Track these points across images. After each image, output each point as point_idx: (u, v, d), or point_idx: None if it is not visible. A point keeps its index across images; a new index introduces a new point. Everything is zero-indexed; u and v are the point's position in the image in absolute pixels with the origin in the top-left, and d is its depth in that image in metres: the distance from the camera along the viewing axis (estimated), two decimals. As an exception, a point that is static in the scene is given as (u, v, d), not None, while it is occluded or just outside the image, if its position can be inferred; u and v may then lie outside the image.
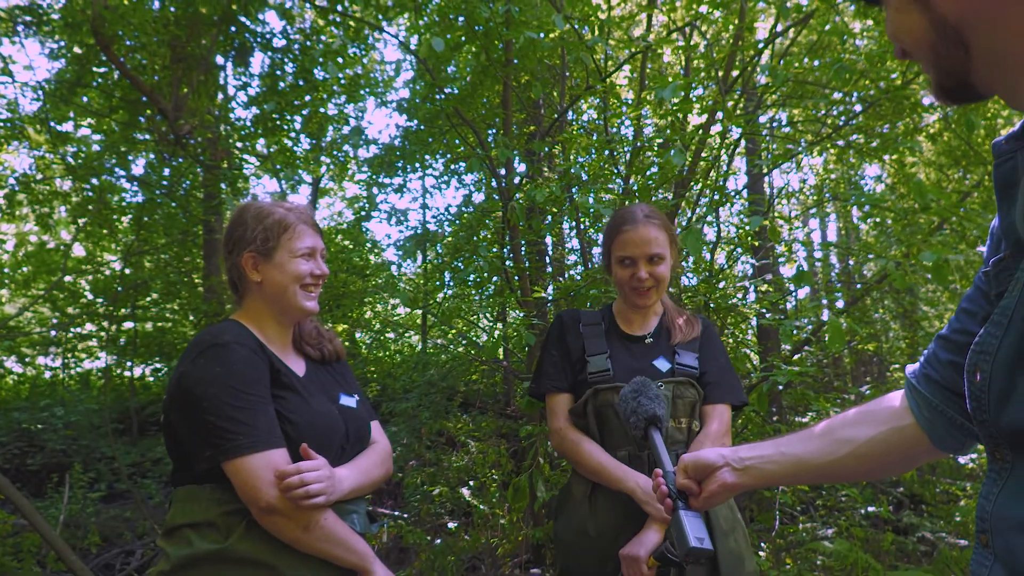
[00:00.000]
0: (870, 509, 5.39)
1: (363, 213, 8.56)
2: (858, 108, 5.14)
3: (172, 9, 5.41)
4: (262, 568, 1.39)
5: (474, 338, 6.36)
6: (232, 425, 1.38)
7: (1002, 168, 0.79)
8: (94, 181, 6.21)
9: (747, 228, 3.36)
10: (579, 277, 5.16)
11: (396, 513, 5.58)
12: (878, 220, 6.61)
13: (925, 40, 0.74)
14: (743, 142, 5.03)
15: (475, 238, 6.07)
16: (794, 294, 7.10)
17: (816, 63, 5.39)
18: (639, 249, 1.95)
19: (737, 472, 1.15)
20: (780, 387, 4.03)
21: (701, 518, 1.23)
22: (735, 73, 4.62)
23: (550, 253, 7.22)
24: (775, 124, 6.37)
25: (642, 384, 1.52)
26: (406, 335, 9.87)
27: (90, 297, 8.64)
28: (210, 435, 1.39)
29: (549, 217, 5.06)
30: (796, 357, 4.83)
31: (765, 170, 6.21)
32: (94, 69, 5.98)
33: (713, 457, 1.18)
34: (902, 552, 4.95)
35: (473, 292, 5.59)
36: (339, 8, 5.47)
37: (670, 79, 3.16)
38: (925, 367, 1.02)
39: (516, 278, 4.46)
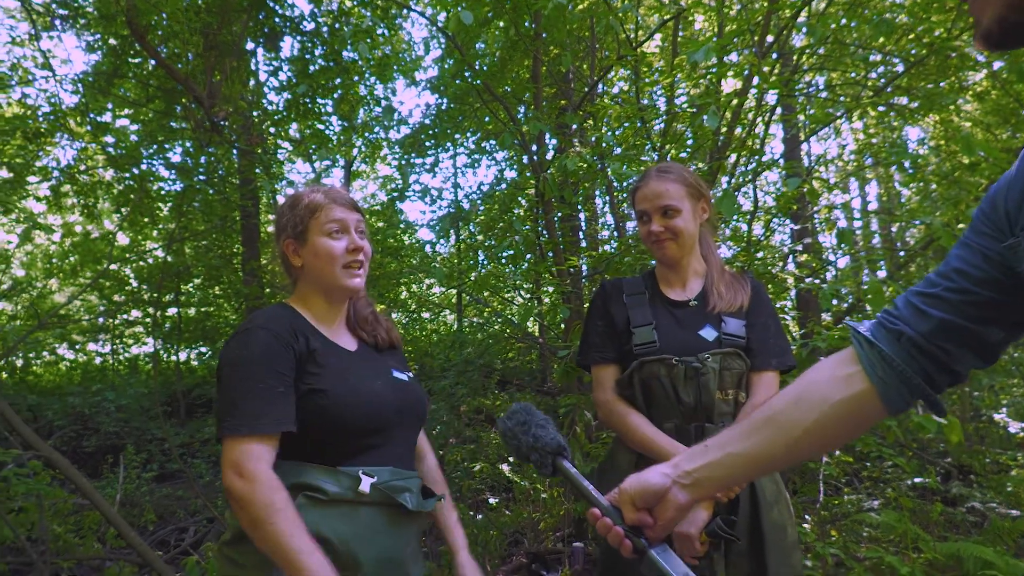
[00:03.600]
0: (917, 480, 5.29)
1: (396, 194, 8.61)
2: (900, 68, 4.96)
3: (202, -3, 5.48)
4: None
5: (509, 316, 6.37)
6: (228, 406, 1.42)
7: None
8: (134, 170, 6.35)
9: (785, 191, 3.28)
10: (613, 251, 5.12)
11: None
12: (922, 183, 6.42)
13: None
14: (779, 108, 4.90)
15: (507, 214, 6.05)
16: (834, 263, 6.94)
17: (854, 24, 5.21)
18: (650, 203, 1.97)
19: (687, 488, 1.06)
20: (821, 358, 3.95)
21: (669, 548, 1.09)
22: (770, 38, 4.50)
23: (583, 228, 7.18)
24: (812, 88, 6.19)
25: (524, 412, 1.30)
26: (442, 314, 9.94)
27: (135, 284, 8.89)
28: (218, 413, 1.46)
29: (582, 190, 5.02)
30: (839, 327, 4.73)
31: (802, 136, 6.06)
32: (130, 60, 6.09)
33: (657, 480, 1.07)
34: (951, 523, 4.85)
35: (507, 268, 5.59)
36: (366, -12, 5.47)
37: (703, 43, 3.09)
38: (895, 323, 1.00)
39: (550, 253, 4.45)
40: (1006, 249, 0.88)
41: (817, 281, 3.37)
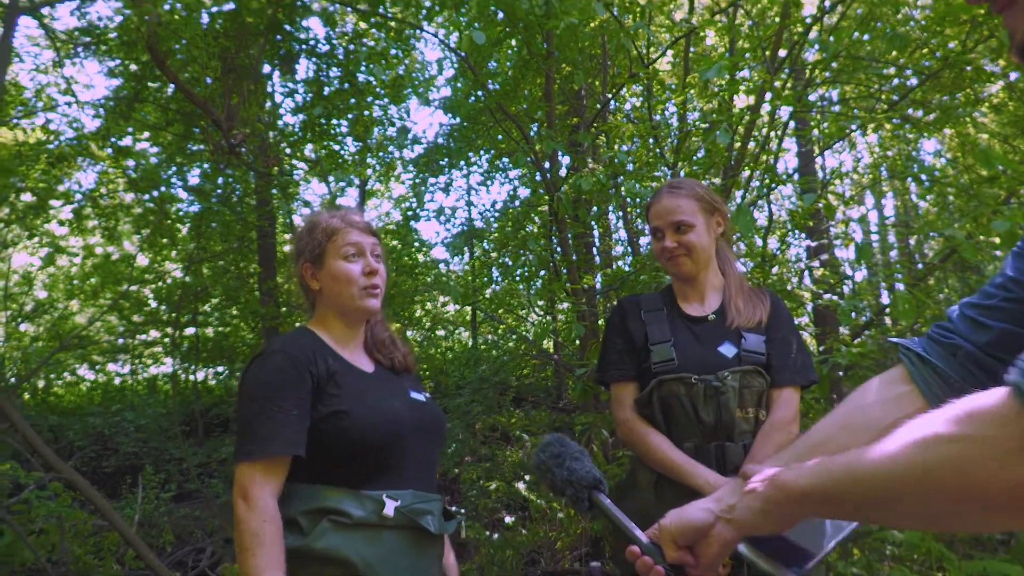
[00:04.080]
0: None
1: (410, 213, 8.68)
2: (913, 81, 4.94)
3: (220, 22, 5.58)
4: (339, 565, 1.42)
5: (524, 332, 6.37)
6: (244, 428, 1.48)
7: None
8: (154, 193, 6.45)
9: (800, 207, 3.27)
10: (627, 268, 5.11)
11: (454, 508, 5.63)
12: (940, 195, 6.36)
13: None
14: (793, 123, 4.89)
15: (521, 232, 6.08)
16: (852, 277, 6.88)
17: (867, 37, 5.21)
18: (663, 219, 1.97)
19: (732, 523, 1.00)
20: (841, 372, 3.90)
21: None
22: (782, 52, 4.50)
23: (597, 245, 7.18)
24: (825, 103, 6.18)
25: (557, 444, 1.24)
26: (456, 332, 9.96)
27: (154, 305, 8.98)
28: (237, 435, 1.52)
29: (596, 208, 5.03)
30: (856, 341, 4.68)
31: (816, 150, 6.03)
32: (150, 84, 6.21)
33: (700, 516, 1.01)
34: (976, 541, 4.74)
35: (521, 286, 5.61)
36: (380, 11, 5.54)
37: (715, 61, 3.10)
38: (950, 337, 0.96)
39: (564, 271, 4.45)
40: None
41: (835, 297, 3.34)
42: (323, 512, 1.45)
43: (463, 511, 1.73)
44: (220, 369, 9.10)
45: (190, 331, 8.74)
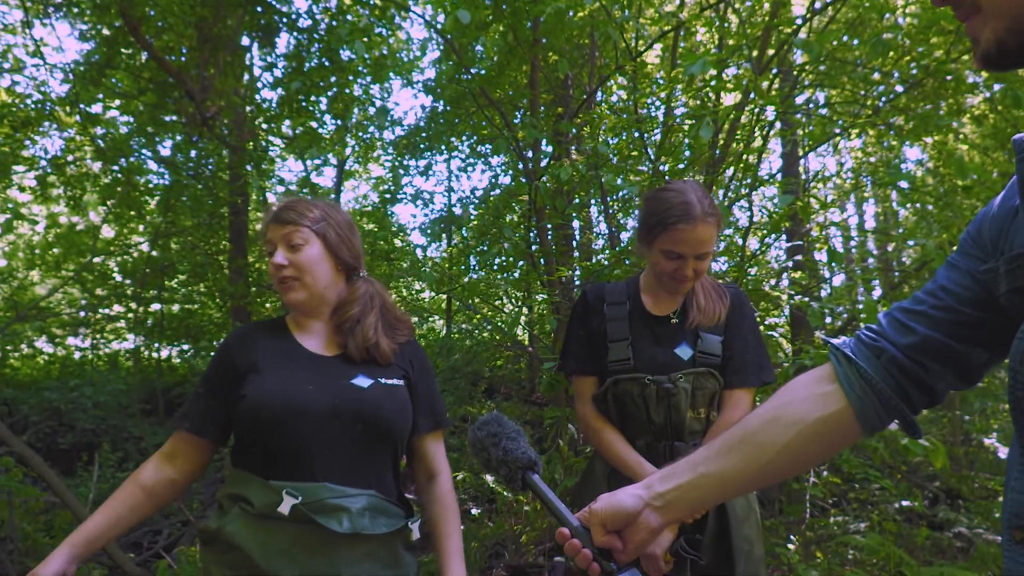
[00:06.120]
0: (904, 503, 5.25)
1: (388, 196, 8.55)
2: (899, 88, 4.94)
3: (199, -11, 5.39)
4: (238, 552, 1.45)
5: (499, 323, 6.30)
6: None
7: None
8: (123, 162, 6.26)
9: (777, 209, 3.23)
10: (606, 261, 5.05)
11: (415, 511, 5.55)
12: (918, 204, 6.39)
13: None
14: (778, 123, 4.86)
15: (500, 220, 6.00)
16: (829, 281, 6.92)
17: (856, 42, 5.19)
18: (692, 249, 1.82)
19: (660, 510, 1.02)
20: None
21: (638, 572, 1.05)
22: (770, 52, 4.46)
23: (577, 238, 7.13)
24: (812, 105, 6.17)
25: (495, 423, 1.22)
26: (431, 319, 9.87)
27: (119, 279, 8.73)
28: None
29: (577, 199, 4.97)
30: (827, 346, 4.68)
31: (801, 152, 6.02)
32: (122, 51, 6.01)
33: (630, 502, 1.03)
34: (937, 548, 4.81)
35: (498, 275, 5.53)
36: (364, -14, 5.41)
37: (700, 56, 3.03)
38: (876, 340, 0.99)
39: (542, 261, 4.39)
40: (985, 273, 0.88)
41: (807, 299, 3.32)
42: (236, 498, 1.48)
43: (417, 519, 1.65)
44: (185, 347, 8.90)
45: (155, 307, 8.55)
